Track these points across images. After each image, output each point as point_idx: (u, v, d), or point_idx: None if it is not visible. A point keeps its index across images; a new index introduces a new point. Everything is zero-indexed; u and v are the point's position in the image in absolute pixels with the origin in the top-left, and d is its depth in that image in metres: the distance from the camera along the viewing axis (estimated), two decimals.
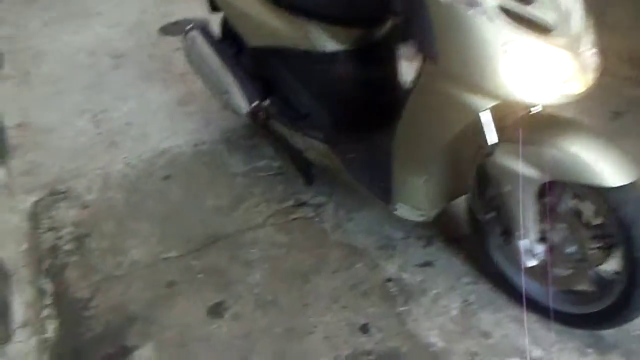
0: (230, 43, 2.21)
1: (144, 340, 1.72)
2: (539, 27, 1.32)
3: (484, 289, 1.81)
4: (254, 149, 2.56)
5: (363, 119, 1.93)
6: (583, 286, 1.60)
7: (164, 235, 2.11)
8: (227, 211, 2.21)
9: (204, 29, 2.28)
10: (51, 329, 1.78)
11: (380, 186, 1.77)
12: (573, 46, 1.34)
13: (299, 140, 2.07)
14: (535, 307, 1.67)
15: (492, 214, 1.63)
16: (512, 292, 1.72)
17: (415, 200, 1.73)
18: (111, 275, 1.96)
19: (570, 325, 1.64)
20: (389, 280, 1.87)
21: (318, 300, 1.82)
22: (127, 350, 1.69)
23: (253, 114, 2.13)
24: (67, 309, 1.85)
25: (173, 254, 2.03)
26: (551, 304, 1.61)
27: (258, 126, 2.21)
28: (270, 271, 1.93)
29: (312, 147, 2.02)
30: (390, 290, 1.84)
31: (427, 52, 1.41)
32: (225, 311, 1.80)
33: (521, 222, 1.51)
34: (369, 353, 1.65)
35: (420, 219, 1.78)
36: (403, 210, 1.76)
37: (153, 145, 2.61)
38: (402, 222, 1.91)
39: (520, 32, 1.29)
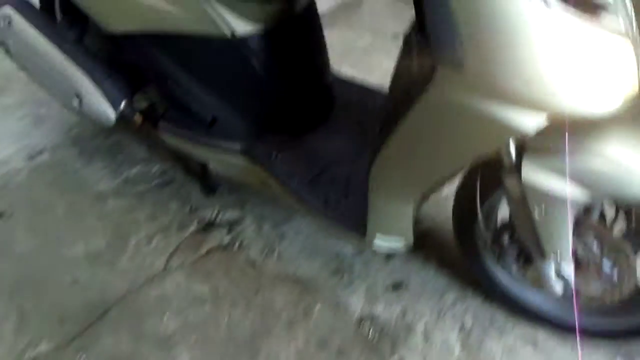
0: (69, 21, 1.45)
1: None
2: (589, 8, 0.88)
3: (476, 305, 1.46)
4: (118, 150, 1.90)
5: (296, 116, 1.38)
6: (615, 299, 1.30)
7: (22, 317, 1.43)
8: (109, 258, 1.57)
9: (23, 3, 1.48)
10: None
11: (348, 214, 1.27)
12: (630, 33, 0.93)
13: (201, 153, 1.47)
14: (548, 321, 1.38)
15: (506, 237, 1.24)
16: (517, 309, 1.39)
17: (399, 228, 1.26)
18: None
19: (594, 337, 1.36)
20: (362, 320, 1.43)
21: None
22: None
23: (126, 120, 1.47)
24: None
25: (44, 347, 1.37)
26: (578, 324, 1.31)
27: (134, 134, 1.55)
28: (201, 347, 1.37)
29: (223, 160, 1.44)
30: (369, 335, 1.39)
31: (448, 57, 0.91)
32: None
33: (557, 247, 1.13)
34: None
35: (402, 247, 1.32)
36: (382, 242, 1.28)
37: None
38: None
39: (583, 19, 0.85)
